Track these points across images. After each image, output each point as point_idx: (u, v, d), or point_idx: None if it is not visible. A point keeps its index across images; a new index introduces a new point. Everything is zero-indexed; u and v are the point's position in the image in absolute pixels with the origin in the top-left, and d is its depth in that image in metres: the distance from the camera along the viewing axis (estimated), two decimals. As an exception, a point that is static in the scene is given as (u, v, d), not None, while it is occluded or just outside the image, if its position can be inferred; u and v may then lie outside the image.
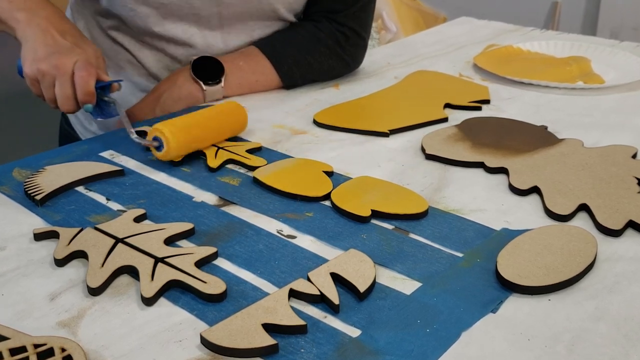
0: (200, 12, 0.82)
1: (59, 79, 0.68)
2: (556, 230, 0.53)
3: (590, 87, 0.88)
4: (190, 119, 0.68)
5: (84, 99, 0.69)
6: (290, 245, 0.53)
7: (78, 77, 0.67)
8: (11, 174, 0.65)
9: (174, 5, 0.80)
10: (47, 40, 0.70)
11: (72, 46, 0.71)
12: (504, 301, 0.46)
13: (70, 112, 0.70)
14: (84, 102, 0.69)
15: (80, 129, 0.96)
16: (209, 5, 0.82)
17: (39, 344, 0.41)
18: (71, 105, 0.69)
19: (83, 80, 0.67)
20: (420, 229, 0.55)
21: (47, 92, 0.70)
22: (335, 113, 0.79)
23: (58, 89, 0.68)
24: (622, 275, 0.49)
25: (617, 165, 0.64)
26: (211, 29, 0.84)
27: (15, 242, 0.53)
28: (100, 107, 0.72)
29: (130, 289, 0.48)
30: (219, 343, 0.41)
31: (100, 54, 0.73)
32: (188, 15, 0.82)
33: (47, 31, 0.71)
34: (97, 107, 0.71)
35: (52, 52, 0.69)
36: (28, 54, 0.70)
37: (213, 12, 0.83)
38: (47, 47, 0.70)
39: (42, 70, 0.68)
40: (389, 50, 1.09)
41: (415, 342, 0.42)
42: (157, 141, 0.65)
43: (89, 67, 0.68)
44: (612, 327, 0.43)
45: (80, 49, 0.71)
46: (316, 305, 0.46)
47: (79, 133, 0.96)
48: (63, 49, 0.70)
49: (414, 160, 0.68)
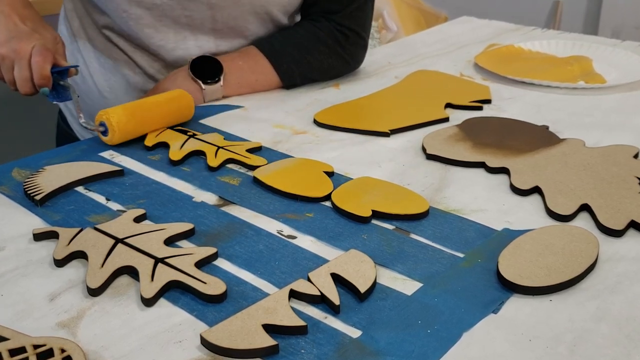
0: (193, 15, 0.82)
1: (18, 63, 0.71)
2: (557, 230, 0.53)
3: (591, 87, 0.88)
4: (135, 104, 0.72)
5: (40, 83, 0.72)
6: (290, 245, 0.53)
7: (34, 62, 0.71)
8: (10, 174, 0.64)
9: (167, 7, 0.80)
10: (9, 25, 0.73)
11: (31, 31, 0.74)
12: (505, 302, 0.46)
13: (28, 94, 0.73)
14: (40, 86, 0.72)
15: (77, 127, 0.96)
16: (202, 8, 0.82)
17: (38, 344, 0.41)
18: (28, 87, 0.72)
19: (38, 65, 0.71)
20: (421, 229, 0.55)
21: (7, 74, 0.73)
22: (335, 113, 0.79)
23: (17, 72, 0.72)
24: (624, 276, 0.48)
25: (618, 165, 0.63)
26: (204, 33, 0.84)
27: (15, 242, 0.53)
28: (57, 90, 0.75)
29: (130, 289, 0.48)
30: (219, 344, 0.41)
31: (60, 39, 0.76)
32: (180, 18, 0.82)
33: (9, 17, 0.74)
34: (54, 90, 0.75)
35: (12, 36, 0.72)
36: None
37: (206, 16, 0.82)
38: (8, 31, 0.73)
39: (1, 54, 0.72)
40: (390, 49, 1.09)
41: (416, 342, 0.42)
42: (102, 126, 0.69)
43: (45, 52, 0.71)
44: (614, 328, 0.43)
45: (38, 34, 0.74)
46: (316, 305, 0.46)
47: (75, 132, 0.96)
48: (22, 34, 0.73)
49: (415, 160, 0.68)
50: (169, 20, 0.82)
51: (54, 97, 0.75)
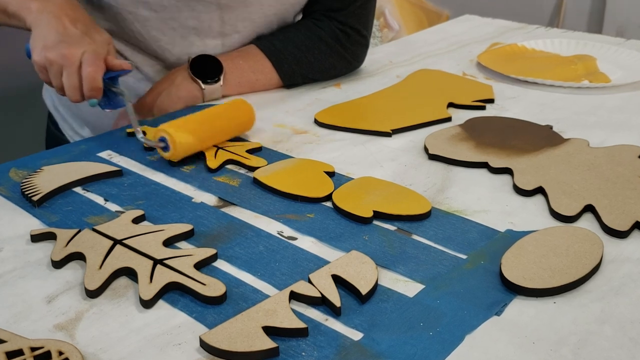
0: (201, 17, 0.81)
1: (66, 69, 0.68)
2: (561, 231, 0.52)
3: (595, 86, 0.88)
4: (196, 118, 0.68)
5: (90, 94, 0.68)
6: (291, 246, 0.52)
7: (85, 73, 0.67)
8: (8, 174, 0.64)
9: (174, 8, 0.79)
10: (58, 27, 0.69)
11: (82, 35, 0.70)
12: (509, 304, 0.45)
13: (77, 102, 0.70)
14: (89, 97, 0.69)
15: (70, 133, 0.95)
16: (211, 9, 0.81)
17: (35, 347, 0.40)
18: (77, 95, 0.69)
19: (90, 76, 0.67)
20: (423, 230, 0.54)
21: (55, 80, 0.69)
22: (336, 112, 0.79)
23: (65, 79, 0.68)
24: (629, 277, 0.48)
25: (623, 166, 0.63)
26: (212, 36, 0.83)
27: (12, 243, 0.53)
28: (107, 97, 0.71)
29: (129, 291, 0.47)
30: (218, 346, 0.40)
31: (111, 40, 0.73)
32: (188, 21, 0.81)
33: (58, 18, 0.70)
34: (105, 97, 0.71)
35: (61, 40, 0.68)
36: (38, 40, 0.69)
37: (214, 17, 0.82)
38: (57, 34, 0.69)
39: (50, 59, 0.68)
40: (392, 48, 1.09)
41: (418, 345, 0.41)
42: (163, 142, 0.65)
43: (97, 61, 0.68)
44: (618, 330, 0.43)
45: (89, 38, 0.70)
46: (317, 307, 0.45)
47: (68, 137, 0.95)
48: (72, 38, 0.69)
49: (417, 161, 0.67)
50: (175, 23, 0.81)
51: (105, 105, 0.71)
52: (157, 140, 0.65)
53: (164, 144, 0.65)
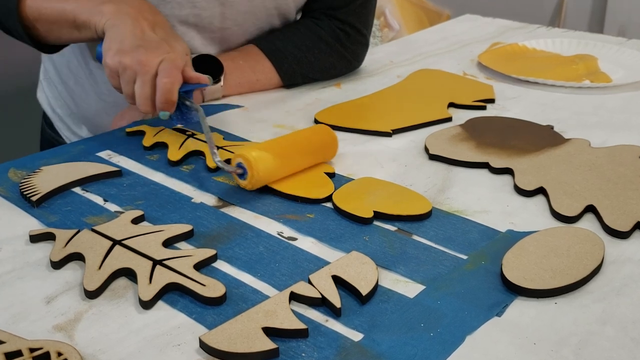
0: (202, 13, 0.81)
1: (141, 77, 0.63)
2: (562, 232, 0.52)
3: (597, 86, 0.88)
4: (278, 145, 0.61)
5: (163, 107, 0.63)
6: (291, 247, 0.52)
7: (161, 84, 0.62)
8: (7, 174, 0.64)
9: (175, 4, 0.79)
10: (136, 31, 0.65)
11: (161, 41, 0.65)
12: (510, 304, 0.45)
13: (147, 113, 0.65)
14: (161, 110, 0.64)
15: (67, 134, 0.94)
16: (213, 5, 0.80)
17: (34, 347, 0.40)
18: (149, 106, 0.64)
19: (165, 88, 0.62)
20: (424, 230, 0.54)
21: (127, 87, 0.65)
22: (336, 112, 0.79)
23: (138, 87, 0.64)
24: (630, 278, 0.48)
25: (624, 166, 0.63)
26: (211, 32, 0.83)
27: (11, 244, 0.53)
28: (180, 111, 0.66)
29: (128, 292, 0.47)
30: (218, 347, 0.40)
31: (189, 50, 0.69)
32: (189, 17, 0.81)
33: (136, 21, 0.66)
34: (178, 110, 0.66)
35: (138, 45, 0.64)
36: (113, 43, 0.65)
37: (215, 13, 0.81)
38: (134, 38, 0.64)
39: (124, 64, 0.63)
40: (392, 48, 1.08)
41: (418, 346, 0.41)
42: (240, 168, 0.59)
43: (175, 72, 0.63)
44: (619, 331, 0.43)
45: (169, 46, 0.65)
46: (317, 308, 0.45)
47: (65, 138, 0.94)
48: (151, 43, 0.65)
49: (417, 161, 0.67)
50: (175, 20, 0.80)
51: (178, 120, 0.67)
52: (235, 166, 0.59)
53: (242, 170, 0.59)
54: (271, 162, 0.59)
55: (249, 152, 0.58)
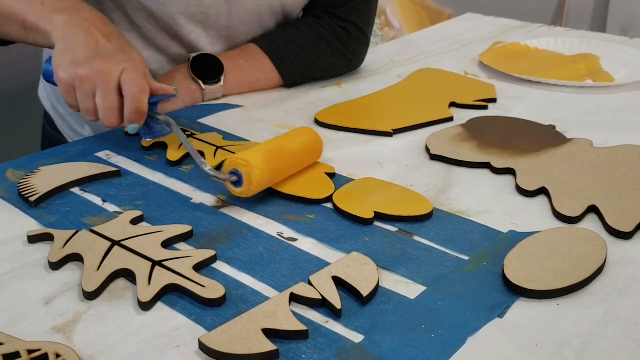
0: (208, 12, 0.80)
1: (102, 88, 0.59)
2: (565, 232, 0.52)
3: (599, 86, 0.87)
4: (271, 152, 0.59)
5: (132, 119, 0.60)
6: (291, 248, 0.52)
7: (129, 93, 0.59)
8: (5, 175, 0.64)
9: (182, 2, 0.78)
10: (89, 42, 0.62)
11: (117, 51, 0.62)
12: (511, 306, 0.45)
13: (113, 126, 0.61)
14: (132, 122, 0.60)
15: (69, 132, 0.93)
16: (219, 2, 0.80)
17: (33, 349, 0.40)
18: (115, 118, 0.60)
19: (135, 97, 0.59)
20: (425, 231, 0.54)
21: (85, 102, 0.61)
22: (337, 112, 0.78)
23: (100, 99, 0.60)
24: (632, 279, 0.48)
25: (626, 166, 0.62)
26: (217, 30, 0.83)
27: (9, 244, 0.53)
28: (147, 124, 0.64)
29: (127, 293, 0.47)
30: (217, 349, 0.40)
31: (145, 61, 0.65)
32: (195, 15, 0.80)
33: (89, 32, 0.63)
34: (145, 125, 0.63)
35: (94, 55, 0.61)
36: (65, 55, 0.61)
37: (222, 11, 0.81)
38: (88, 49, 0.61)
39: (80, 76, 0.60)
40: (393, 47, 1.08)
41: (419, 347, 0.41)
42: (235, 175, 0.56)
43: (141, 81, 0.60)
44: (621, 332, 0.42)
45: (125, 54, 0.62)
46: (318, 309, 0.45)
47: (67, 137, 0.93)
48: (107, 53, 0.62)
49: (418, 161, 0.67)
50: (182, 18, 0.80)
51: (147, 133, 0.64)
52: (227, 174, 0.57)
53: (237, 177, 0.56)
54: (267, 170, 0.57)
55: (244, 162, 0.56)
